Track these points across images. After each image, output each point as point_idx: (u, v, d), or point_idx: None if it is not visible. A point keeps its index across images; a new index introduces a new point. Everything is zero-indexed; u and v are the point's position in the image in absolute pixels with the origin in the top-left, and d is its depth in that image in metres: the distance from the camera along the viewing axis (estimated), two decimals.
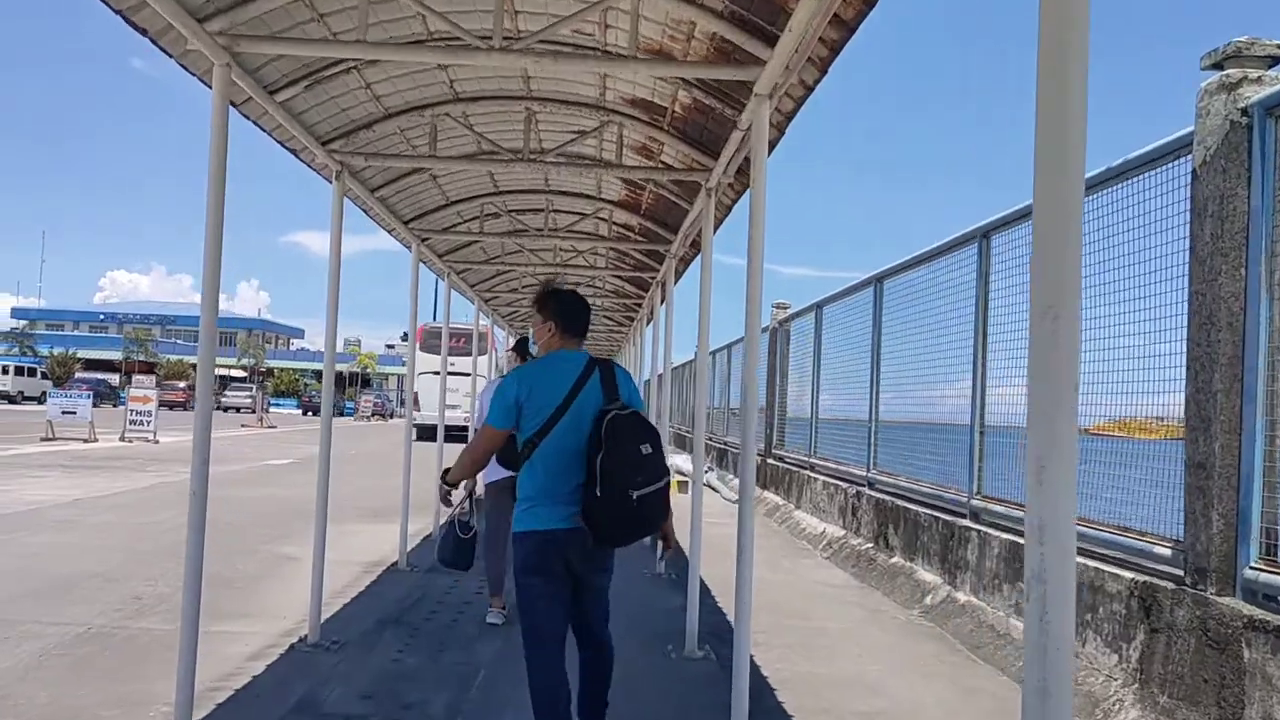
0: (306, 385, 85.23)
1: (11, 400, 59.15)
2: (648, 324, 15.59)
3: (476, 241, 11.86)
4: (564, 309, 4.51)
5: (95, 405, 27.29)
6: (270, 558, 10.49)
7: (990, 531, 7.95)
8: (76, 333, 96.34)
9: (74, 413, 27.65)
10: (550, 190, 10.08)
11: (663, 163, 7.79)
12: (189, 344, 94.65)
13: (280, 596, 8.60)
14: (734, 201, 7.62)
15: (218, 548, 10.77)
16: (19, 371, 62.99)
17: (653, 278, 12.83)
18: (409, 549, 10.22)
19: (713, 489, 20.65)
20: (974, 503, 8.48)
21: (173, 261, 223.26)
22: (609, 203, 10.22)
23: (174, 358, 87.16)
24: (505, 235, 10.66)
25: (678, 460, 20.64)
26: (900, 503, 10.26)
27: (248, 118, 6.09)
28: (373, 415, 64.26)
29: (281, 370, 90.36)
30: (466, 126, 7.27)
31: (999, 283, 8.40)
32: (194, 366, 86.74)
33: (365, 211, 8.90)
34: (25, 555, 9.84)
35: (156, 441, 28.06)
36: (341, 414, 71.20)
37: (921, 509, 9.60)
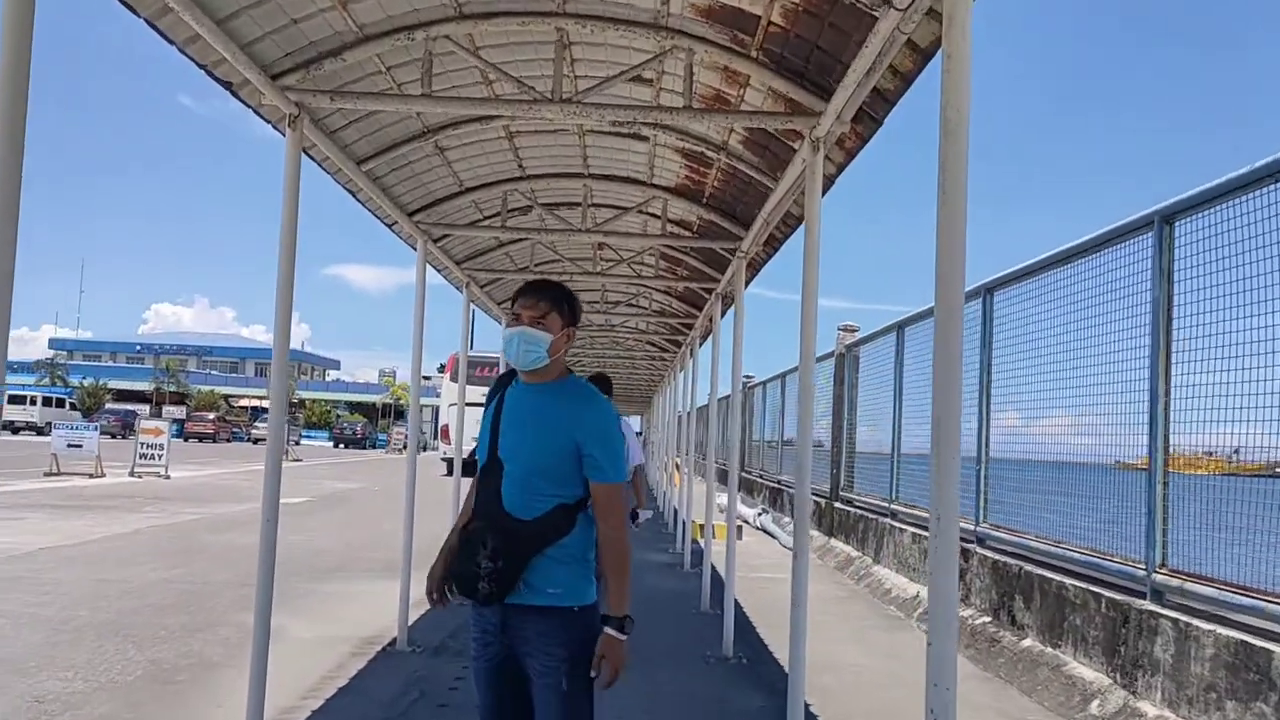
0: (338, 417, 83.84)
1: (39, 431, 57.84)
2: (701, 343, 13.52)
3: (500, 245, 9.86)
4: (579, 315, 3.49)
5: (121, 437, 25.75)
6: (239, 632, 8.40)
7: (1194, 623, 5.75)
8: (114, 364, 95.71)
9: (80, 445, 25.90)
10: (590, 173, 8.06)
11: (746, 107, 5.72)
12: (222, 375, 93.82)
13: (233, 696, 6.52)
14: (844, 164, 5.53)
15: (180, 616, 8.76)
16: (47, 402, 61.76)
17: (709, 289, 10.76)
18: (410, 622, 8.10)
19: (768, 534, 18.43)
20: (1157, 578, 6.30)
21: (216, 294, 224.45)
22: (663, 189, 8.17)
23: (205, 388, 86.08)
24: (534, 231, 8.62)
25: (724, 500, 18.48)
26: (1030, 568, 8.06)
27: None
28: (404, 448, 62.50)
29: (313, 401, 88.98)
30: (473, 54, 5.23)
31: (1195, 278, 6.25)
32: (225, 398, 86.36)
33: (353, 193, 6.88)
34: None
35: (168, 477, 26.23)
36: (374, 446, 69.71)
37: (1067, 579, 7.41)
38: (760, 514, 19.67)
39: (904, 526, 11.78)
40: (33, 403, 60.52)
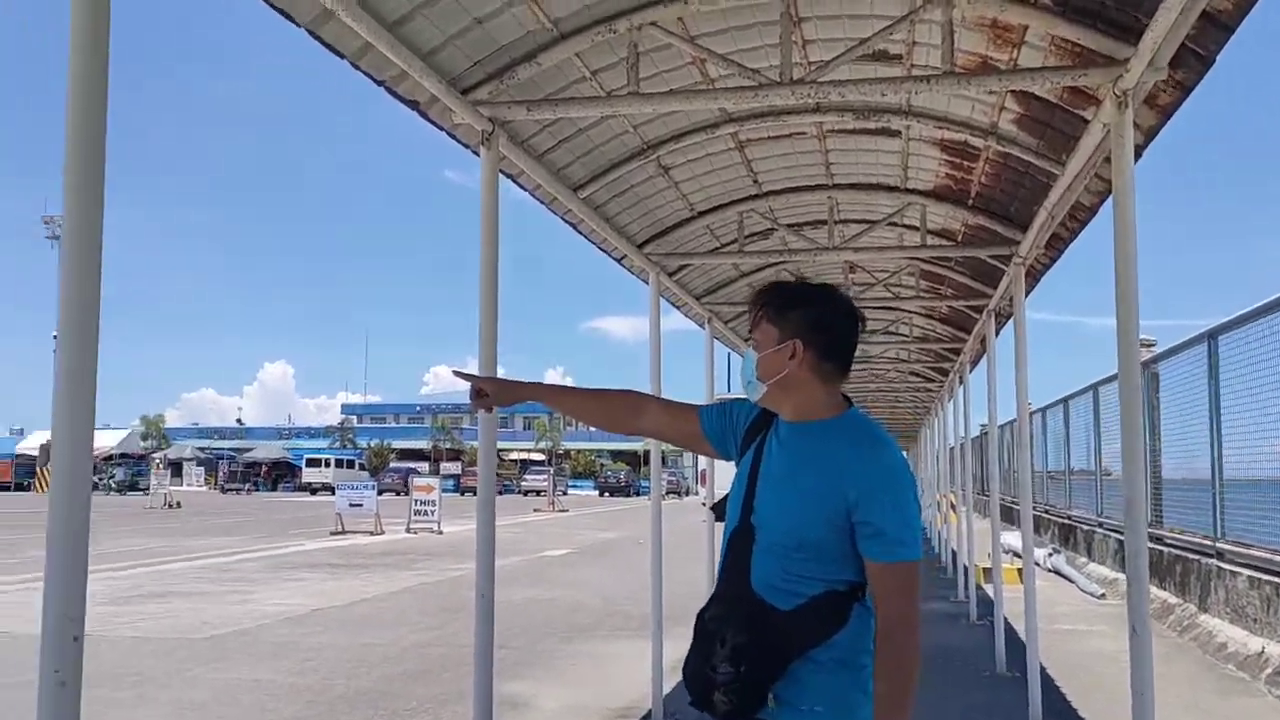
0: (602, 465, 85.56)
1: (333, 492, 62.17)
2: (972, 368, 12.23)
3: (741, 275, 9.10)
4: (833, 323, 2.46)
5: (404, 493, 26.85)
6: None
7: None
8: (397, 424, 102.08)
9: (360, 505, 27.15)
10: (834, 183, 7.17)
11: (1016, 67, 4.68)
12: (498, 431, 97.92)
13: None
14: (1157, 128, 4.38)
15: (433, 686, 8.41)
16: (340, 464, 66.39)
17: (978, 307, 9.55)
18: (666, 691, 7.34)
19: (1061, 576, 16.57)
20: None
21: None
22: (919, 193, 7.17)
23: (478, 443, 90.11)
24: (775, 254, 7.80)
25: (1009, 538, 16.77)
26: None
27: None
28: (667, 493, 62.87)
29: (578, 452, 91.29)
30: (687, 41, 4.50)
31: None
32: (499, 453, 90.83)
33: (574, 225, 6.29)
34: (178, 709, 7.82)
35: (440, 532, 27.03)
36: (637, 494, 70.48)
37: None
38: (1051, 554, 17.76)
39: (1237, 569, 9.99)
40: (327, 465, 65.38)
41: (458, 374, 3.03)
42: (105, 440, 68.41)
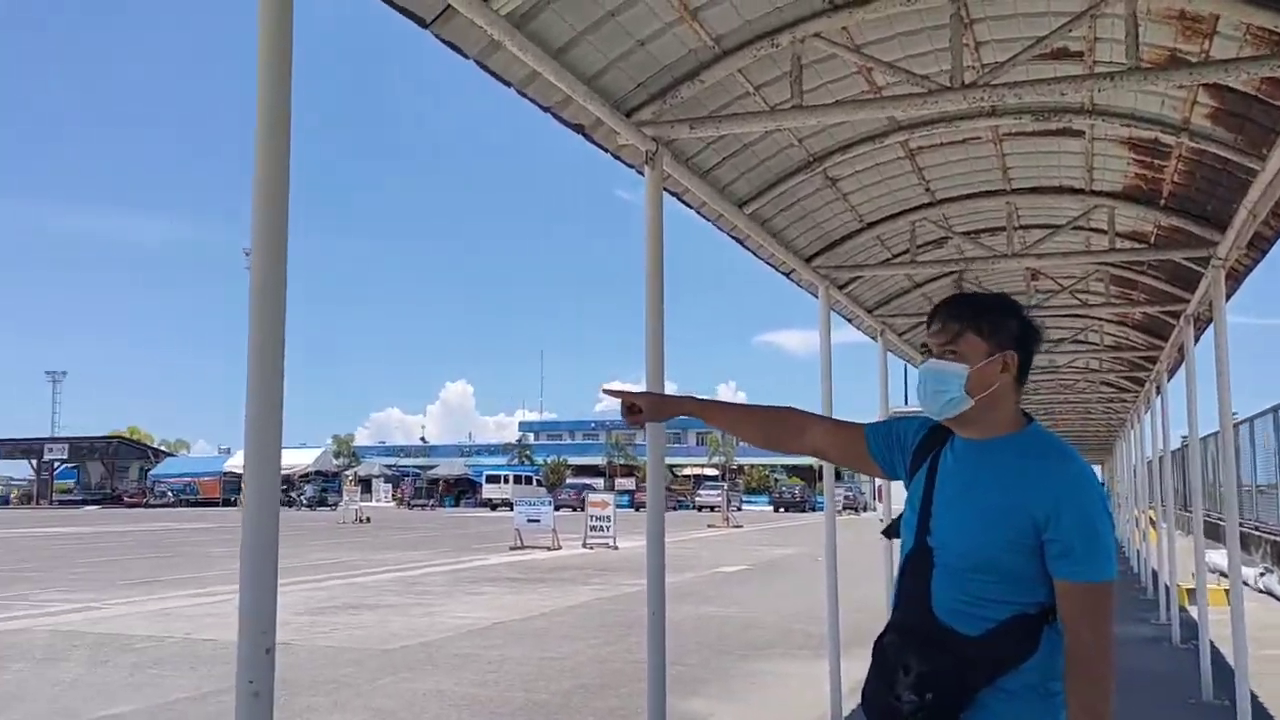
0: (776, 480, 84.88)
1: (511, 507, 64.02)
2: (1170, 377, 11.52)
3: (914, 286, 8.87)
4: (1031, 335, 2.41)
5: (578, 510, 27.50)
6: None
7: None
8: (572, 441, 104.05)
9: (538, 520, 27.76)
10: (1012, 188, 6.89)
11: (1208, 59, 4.38)
12: (671, 446, 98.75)
13: None
14: None
15: (610, 699, 8.49)
16: (518, 480, 68.35)
17: (1174, 312, 9.00)
18: (845, 713, 7.17)
19: (1273, 597, 15.41)
20: None
21: (666, 370, 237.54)
22: (1106, 195, 6.81)
23: None
24: (951, 263, 7.56)
25: (1214, 557, 15.70)
26: None
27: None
28: (843, 509, 61.81)
29: (751, 467, 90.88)
30: (853, 50, 4.41)
31: None
32: (671, 467, 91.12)
33: (740, 241, 6.25)
34: (369, 716, 8.13)
35: (615, 548, 27.34)
36: (813, 509, 69.64)
37: None
38: (1262, 574, 16.54)
39: None
40: (506, 481, 67.50)
41: (607, 391, 3.04)
42: (302, 458, 72.43)
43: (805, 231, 6.73)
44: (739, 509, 63.40)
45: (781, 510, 69.75)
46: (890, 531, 2.64)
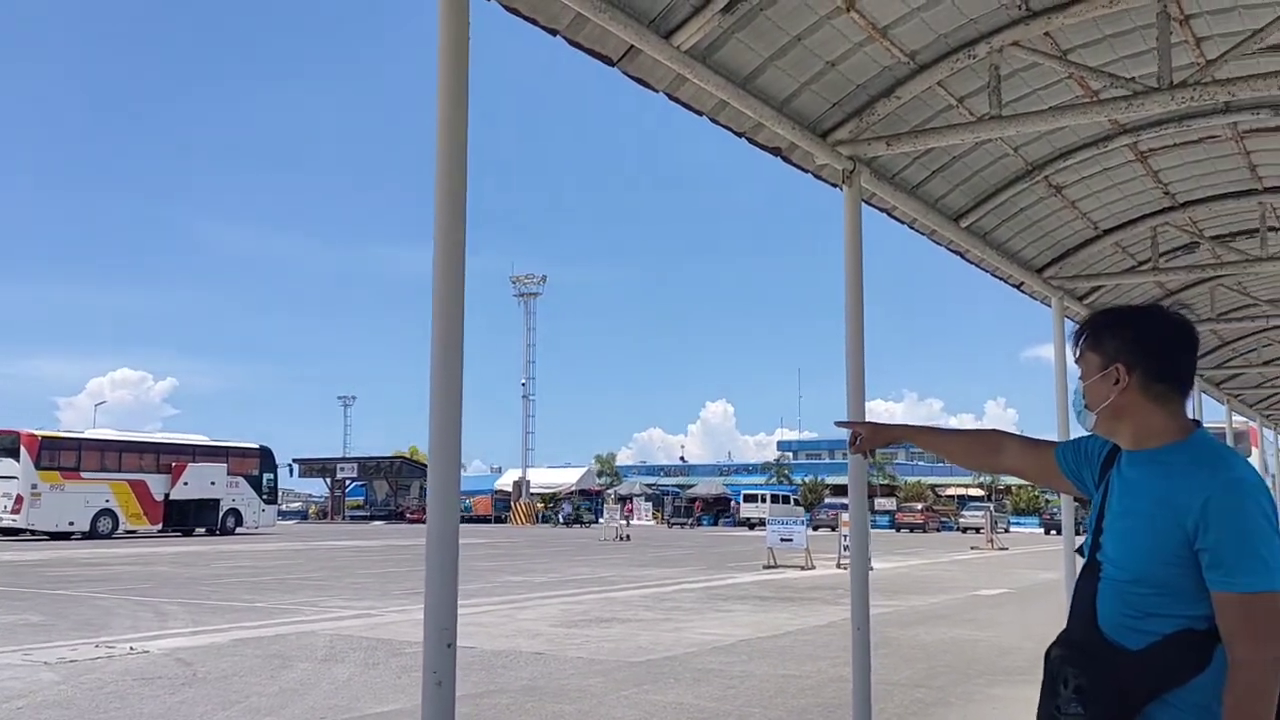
0: (1048, 502, 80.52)
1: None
2: None
3: (1166, 295, 8.35)
4: (1158, 343, 2.32)
5: (835, 530, 27.32)
6: None
7: None
8: (830, 460, 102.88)
9: (791, 540, 27.69)
10: (1264, 187, 6.42)
11: None
12: (928, 465, 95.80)
13: None
14: None
15: (842, 717, 8.46)
16: (774, 499, 68.30)
17: None
18: None
19: None
20: None
21: (924, 388, 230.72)
22: None
23: (913, 479, 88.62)
24: (1200, 269, 7.10)
25: None
26: None
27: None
28: None
29: (1020, 488, 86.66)
30: (1058, 57, 4.31)
31: None
32: (932, 487, 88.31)
33: (960, 254, 6.16)
34: None
35: (871, 568, 26.81)
36: (1059, 531, 65.66)
37: None
38: None
39: None
40: (763, 500, 67.62)
41: (839, 424, 3.29)
42: (566, 477, 75.35)
43: (1033, 242, 6.54)
44: (1005, 530, 60.68)
45: (1053, 532, 66.12)
46: (1083, 551, 2.63)
